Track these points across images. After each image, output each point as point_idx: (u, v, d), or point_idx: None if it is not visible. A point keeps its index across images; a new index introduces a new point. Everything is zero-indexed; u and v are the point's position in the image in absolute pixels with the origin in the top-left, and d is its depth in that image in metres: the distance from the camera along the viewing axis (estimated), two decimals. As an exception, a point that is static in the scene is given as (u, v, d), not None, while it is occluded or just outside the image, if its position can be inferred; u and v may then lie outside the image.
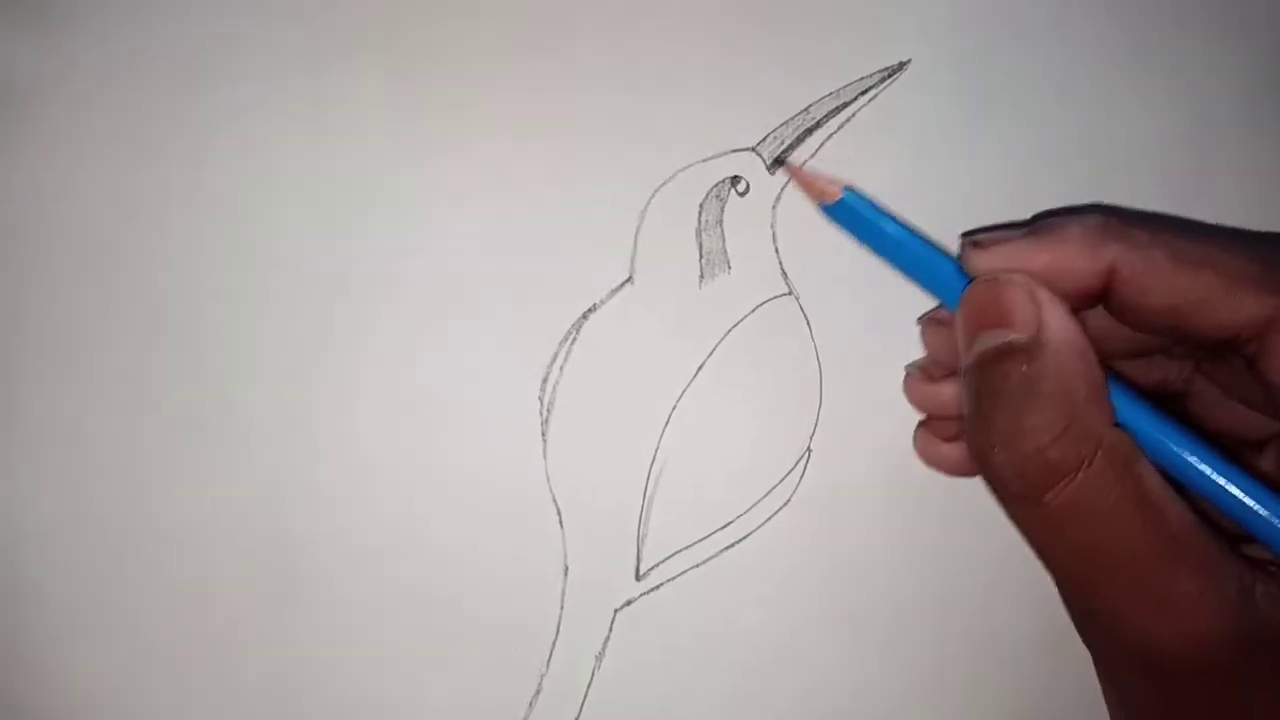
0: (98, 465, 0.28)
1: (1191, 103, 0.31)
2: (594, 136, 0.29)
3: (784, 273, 0.30)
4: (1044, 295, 0.24)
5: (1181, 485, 0.24)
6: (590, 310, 0.29)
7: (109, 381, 0.28)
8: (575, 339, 0.29)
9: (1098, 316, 0.26)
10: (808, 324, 0.30)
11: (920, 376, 0.29)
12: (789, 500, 0.30)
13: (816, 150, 0.30)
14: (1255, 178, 0.31)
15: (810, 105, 0.30)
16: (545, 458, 0.29)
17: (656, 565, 0.30)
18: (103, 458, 0.28)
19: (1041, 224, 0.25)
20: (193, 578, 0.29)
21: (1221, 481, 0.24)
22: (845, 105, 0.30)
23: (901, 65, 0.30)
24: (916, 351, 0.30)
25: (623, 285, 0.29)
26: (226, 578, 0.29)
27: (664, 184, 0.29)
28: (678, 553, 0.30)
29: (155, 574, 0.28)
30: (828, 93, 0.30)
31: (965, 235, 0.28)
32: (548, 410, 0.29)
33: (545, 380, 0.29)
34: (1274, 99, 0.31)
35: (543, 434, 0.29)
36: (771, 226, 0.30)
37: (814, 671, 0.30)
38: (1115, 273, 0.24)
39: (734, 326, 0.30)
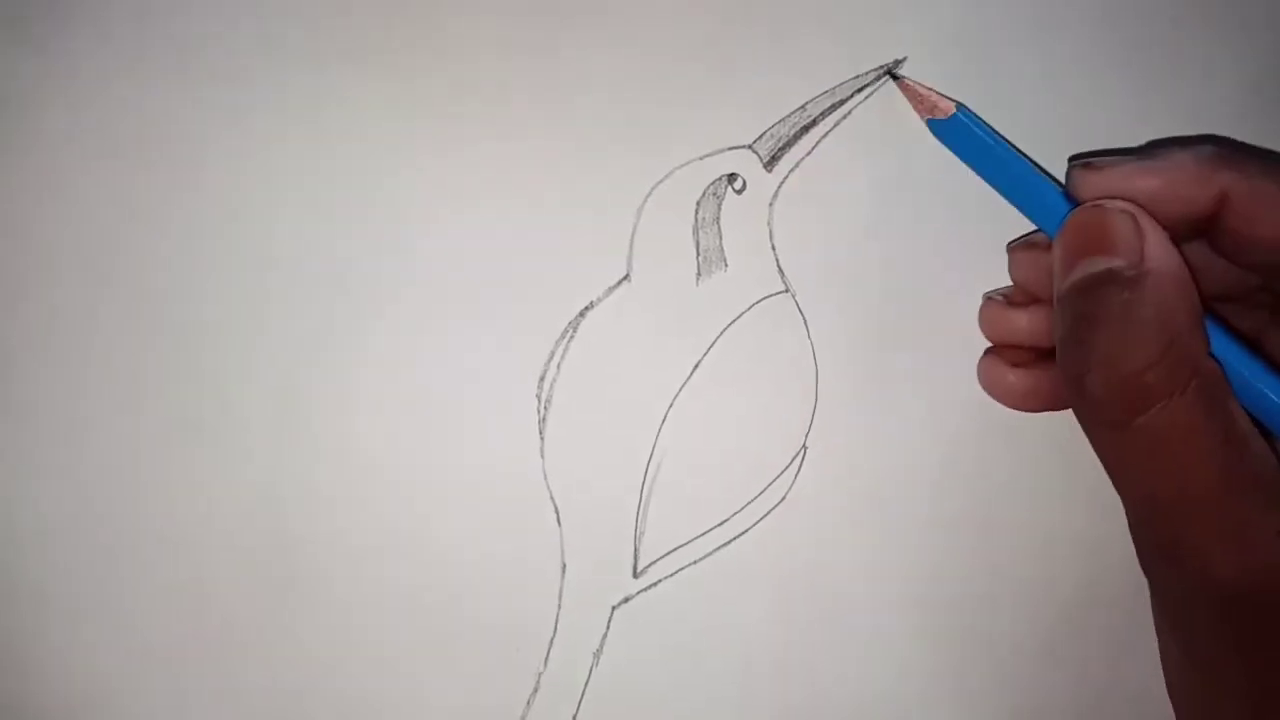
0: (96, 465, 0.28)
1: (1189, 103, 0.31)
2: (590, 134, 0.29)
3: (781, 270, 0.30)
4: (1148, 224, 0.24)
5: (1265, 429, 0.24)
6: (587, 308, 0.29)
7: (108, 381, 0.28)
8: (572, 337, 0.29)
9: (1192, 253, 0.25)
10: (804, 321, 0.30)
11: (1000, 302, 0.29)
12: (785, 497, 0.30)
13: (813, 148, 0.30)
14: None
15: (807, 103, 0.30)
16: (543, 455, 0.29)
17: (654, 562, 0.30)
18: (101, 457, 0.28)
19: (1153, 150, 0.26)
20: (191, 578, 0.29)
21: None
22: (841, 103, 0.30)
23: (897, 63, 0.30)
24: (915, 348, 0.30)
25: (620, 283, 0.29)
26: (224, 577, 0.29)
27: (660, 182, 0.29)
28: (675, 550, 0.30)
29: (154, 574, 0.28)
30: (824, 90, 0.30)
31: (1073, 159, 0.29)
32: (545, 408, 0.29)
33: (542, 378, 0.29)
34: (1272, 98, 0.31)
35: (540, 432, 0.29)
36: (768, 224, 0.30)
37: (811, 669, 0.30)
38: (1226, 200, 0.24)
39: (731, 324, 0.30)
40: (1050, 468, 0.31)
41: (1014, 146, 0.27)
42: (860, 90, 0.30)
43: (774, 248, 0.30)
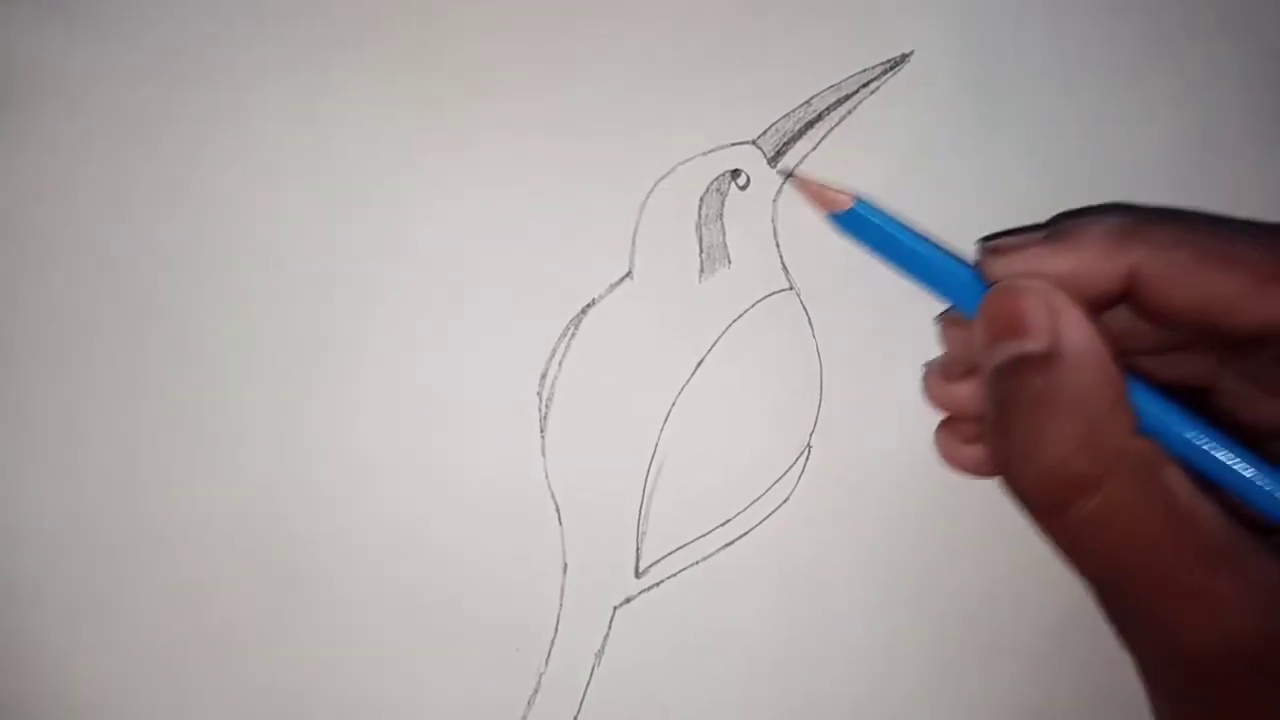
0: (94, 465, 0.28)
1: (1198, 99, 0.31)
2: (593, 130, 0.29)
3: (785, 267, 0.30)
4: (1060, 302, 0.23)
5: (1210, 482, 0.23)
6: (589, 305, 0.29)
7: (105, 381, 0.28)
8: (574, 334, 0.29)
9: (1119, 313, 0.25)
10: (808, 319, 0.30)
11: (939, 375, 0.29)
12: (789, 497, 0.30)
13: (818, 143, 0.29)
14: (1261, 176, 0.31)
15: (812, 98, 0.29)
16: (544, 454, 0.29)
17: (656, 562, 0.29)
18: (99, 457, 0.28)
19: (1060, 226, 0.25)
20: (192, 578, 0.28)
21: (1249, 475, 0.23)
22: (847, 98, 0.30)
23: (904, 57, 0.30)
24: (918, 347, 0.30)
25: (622, 280, 0.29)
26: (225, 577, 0.28)
27: (663, 178, 0.29)
28: (677, 550, 0.29)
29: (153, 574, 0.28)
30: (829, 85, 0.29)
31: (983, 240, 0.28)
32: (546, 406, 0.29)
33: (544, 376, 0.29)
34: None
35: (541, 430, 0.29)
36: (772, 220, 0.29)
37: (814, 670, 0.30)
38: (1138, 275, 0.24)
39: (734, 322, 0.29)
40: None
41: (916, 232, 0.26)
42: (866, 85, 0.30)
43: (778, 244, 0.30)
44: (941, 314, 0.29)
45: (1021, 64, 0.30)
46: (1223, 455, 0.24)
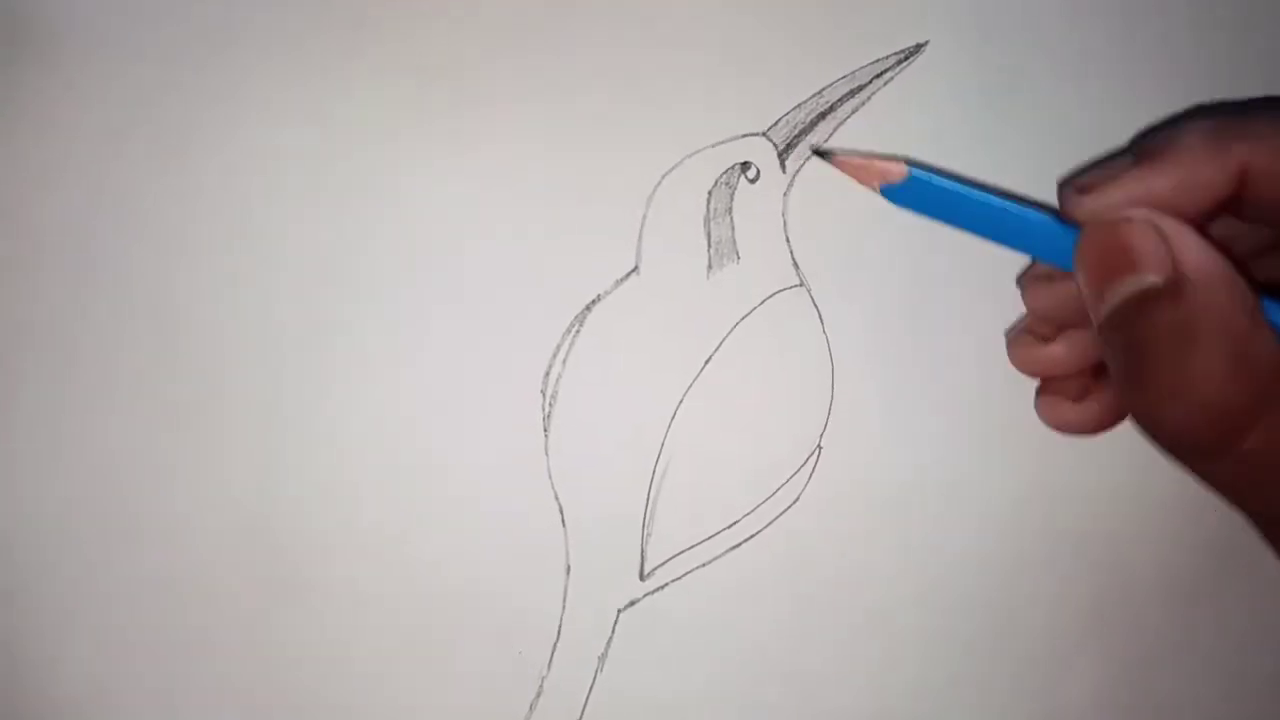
0: (82, 462, 0.28)
1: (1215, 90, 0.30)
2: (599, 122, 0.28)
3: (795, 263, 0.29)
4: (1171, 226, 0.21)
5: None
6: (594, 301, 0.28)
7: (94, 378, 0.28)
8: (579, 331, 0.28)
9: (1216, 230, 0.23)
10: (819, 317, 0.29)
11: (1029, 340, 0.27)
12: (798, 499, 0.29)
13: (830, 136, 0.29)
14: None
15: (824, 88, 0.29)
16: (547, 453, 0.28)
17: (661, 565, 0.29)
18: (87, 454, 0.28)
19: (1147, 144, 0.23)
20: (185, 578, 0.28)
21: None
22: (860, 89, 0.29)
23: (919, 47, 0.29)
24: (932, 345, 0.29)
25: (628, 276, 0.28)
26: (218, 579, 0.28)
27: (671, 170, 0.28)
28: (683, 552, 0.29)
29: (145, 572, 0.28)
30: (842, 75, 0.29)
31: (1063, 181, 0.26)
32: (550, 404, 0.28)
33: (547, 373, 0.28)
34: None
35: (545, 429, 0.28)
36: (782, 215, 0.29)
37: (825, 676, 0.30)
38: (1247, 175, 0.22)
39: (743, 319, 0.29)
40: (1073, 467, 0.30)
41: (982, 187, 0.24)
42: (880, 75, 0.29)
43: (788, 239, 0.29)
44: (1022, 273, 0.27)
45: (1037, 53, 0.29)
46: None
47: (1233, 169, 0.22)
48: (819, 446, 0.29)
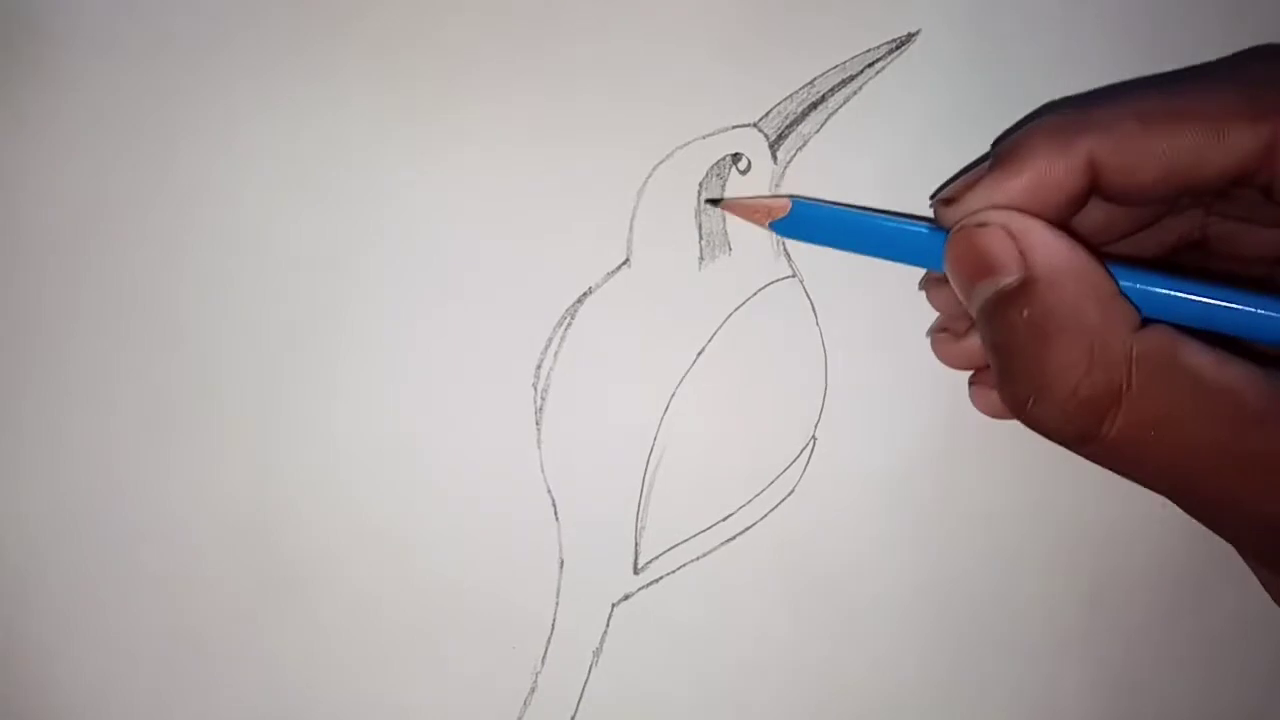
0: (76, 461, 0.27)
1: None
2: (589, 113, 0.28)
3: (787, 255, 0.29)
4: (1019, 225, 0.22)
5: (1237, 340, 0.22)
6: (586, 294, 0.28)
7: (88, 378, 0.27)
8: (570, 324, 0.28)
9: (1094, 207, 0.24)
10: (812, 308, 0.29)
11: (945, 338, 0.28)
12: (793, 491, 0.29)
13: (821, 125, 0.29)
14: None
15: (815, 78, 0.29)
16: (539, 447, 0.28)
17: (655, 558, 0.29)
18: (82, 454, 0.27)
19: (1000, 149, 0.24)
20: (179, 576, 0.28)
21: (1266, 313, 0.22)
22: (852, 78, 0.29)
23: (910, 36, 0.29)
24: (919, 336, 0.29)
25: (619, 268, 0.28)
26: (211, 576, 0.28)
27: (662, 162, 0.28)
28: (677, 545, 0.29)
29: (140, 571, 0.28)
30: (833, 65, 0.29)
31: (933, 196, 0.27)
32: (542, 398, 0.28)
33: (539, 367, 0.28)
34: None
35: (536, 423, 0.28)
36: (774, 206, 0.29)
37: (820, 668, 0.29)
38: (1095, 164, 0.23)
39: (735, 311, 0.29)
40: (1068, 457, 0.30)
41: (863, 210, 0.26)
42: (871, 65, 0.29)
43: (780, 231, 0.29)
44: (921, 280, 0.28)
45: (1030, 42, 0.29)
46: (1234, 304, 0.22)
47: (1079, 163, 0.23)
48: (813, 438, 0.29)
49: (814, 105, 0.29)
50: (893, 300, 0.29)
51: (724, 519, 0.29)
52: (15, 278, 0.27)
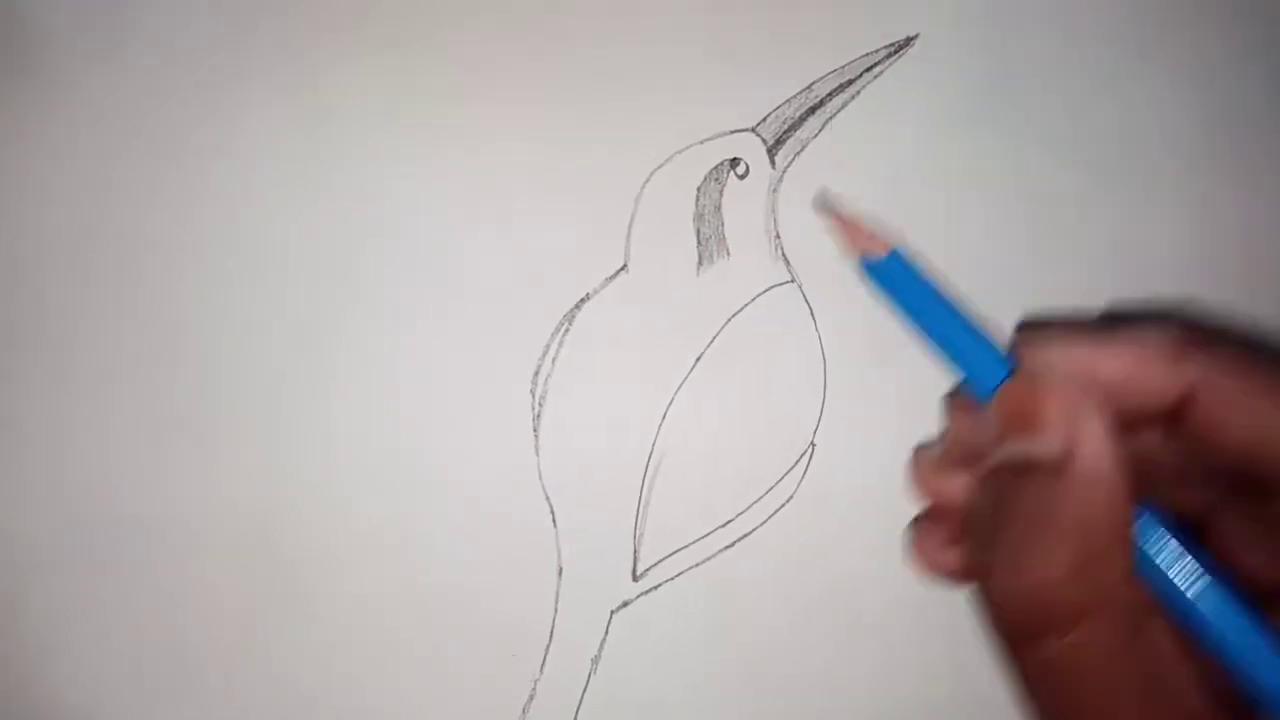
0: (79, 466, 0.27)
1: (1216, 83, 0.30)
2: (587, 118, 0.28)
3: (786, 260, 0.29)
4: (1088, 409, 0.21)
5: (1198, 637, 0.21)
6: (583, 300, 0.28)
7: (90, 381, 0.27)
8: (568, 330, 0.28)
9: (1144, 433, 0.23)
10: (811, 313, 0.29)
11: (934, 461, 0.25)
12: (791, 497, 0.29)
13: (819, 131, 0.28)
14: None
15: (813, 82, 0.28)
16: (537, 454, 0.28)
17: (654, 565, 0.29)
18: (84, 458, 0.27)
19: (1113, 325, 0.23)
20: (179, 581, 0.28)
21: (1250, 655, 0.21)
22: (851, 82, 0.29)
23: (910, 40, 0.29)
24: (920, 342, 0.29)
25: (617, 274, 0.28)
26: (211, 582, 0.28)
27: (659, 167, 0.28)
28: (676, 552, 0.29)
29: (138, 577, 0.28)
30: (832, 69, 0.28)
31: (1022, 323, 0.26)
32: (539, 404, 0.28)
33: (537, 373, 0.28)
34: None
35: (534, 429, 0.28)
36: (772, 211, 0.29)
37: (821, 676, 0.29)
38: (1194, 395, 0.21)
39: (733, 316, 0.28)
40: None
41: (951, 297, 0.23)
42: (870, 69, 0.29)
43: (778, 236, 0.29)
44: (950, 393, 0.26)
45: (1031, 44, 0.29)
46: (1228, 627, 0.21)
47: (1180, 384, 0.21)
48: (812, 444, 0.29)
49: (812, 109, 0.28)
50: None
51: (723, 525, 0.29)
52: (15, 279, 0.27)
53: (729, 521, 0.29)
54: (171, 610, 0.28)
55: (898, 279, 0.24)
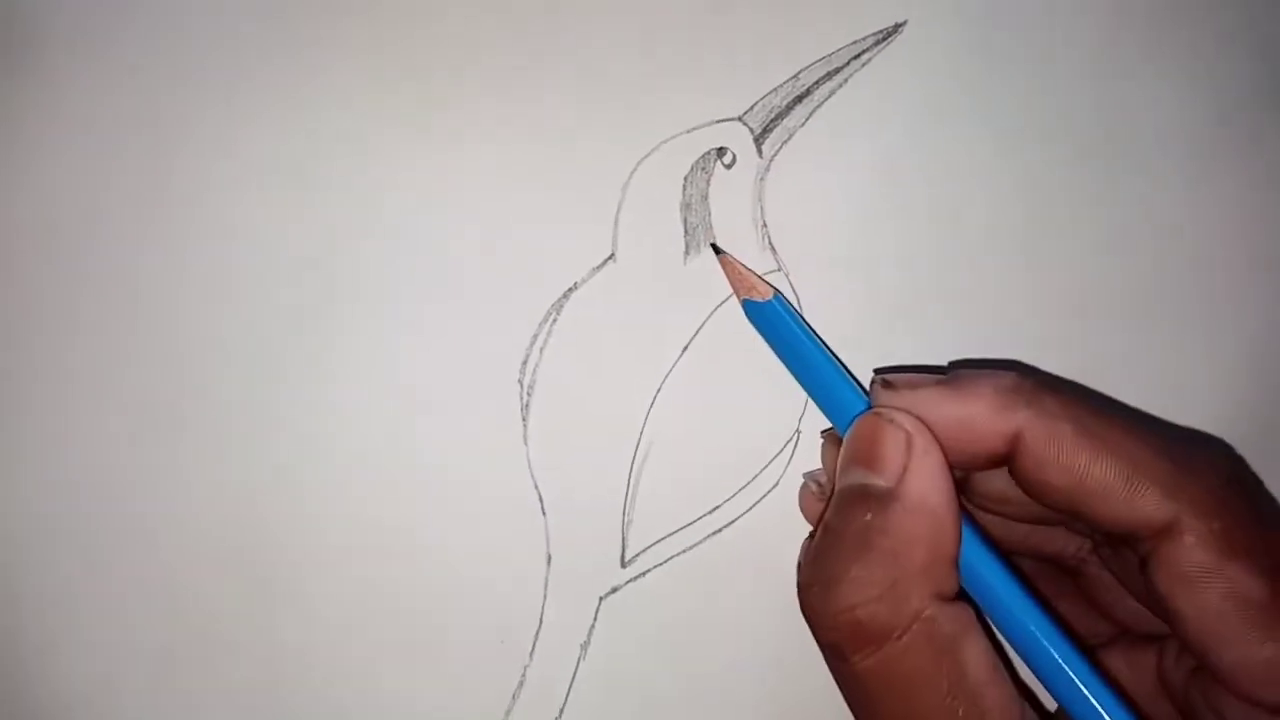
0: (72, 463, 0.27)
1: (1208, 71, 0.30)
2: (572, 107, 0.28)
3: (773, 248, 0.29)
4: (921, 445, 0.23)
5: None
6: (571, 289, 0.28)
7: (83, 379, 0.27)
8: (556, 319, 0.28)
9: (1003, 475, 0.24)
10: (798, 301, 0.29)
11: (816, 493, 0.28)
12: (778, 483, 0.29)
13: (807, 119, 0.28)
14: (1273, 152, 0.30)
15: (800, 71, 0.28)
16: (526, 443, 0.28)
17: (642, 551, 0.29)
18: (77, 456, 0.27)
19: (955, 374, 0.24)
20: (170, 575, 0.28)
21: (1064, 673, 0.22)
22: (838, 71, 0.28)
23: (897, 27, 0.29)
24: (908, 330, 0.29)
25: (604, 263, 0.28)
26: (201, 573, 0.28)
27: (646, 157, 0.28)
28: (664, 538, 0.29)
29: (131, 573, 0.28)
30: (819, 58, 0.28)
31: (878, 371, 0.28)
32: (528, 394, 0.28)
33: (525, 363, 0.28)
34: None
35: (523, 418, 0.28)
36: (759, 200, 0.29)
37: (807, 661, 0.30)
38: (1020, 439, 0.23)
39: (720, 304, 0.29)
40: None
41: (823, 342, 0.26)
42: (858, 58, 0.28)
43: (765, 225, 0.29)
44: (825, 430, 0.28)
45: (1022, 31, 0.29)
46: (1046, 647, 0.22)
47: (1009, 429, 0.23)
48: (798, 431, 0.29)
49: (799, 98, 0.28)
50: (876, 296, 0.29)
51: (710, 512, 0.29)
52: (10, 278, 0.27)
53: (716, 508, 0.29)
54: (162, 603, 0.28)
55: (776, 321, 0.26)
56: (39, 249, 0.27)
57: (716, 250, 0.28)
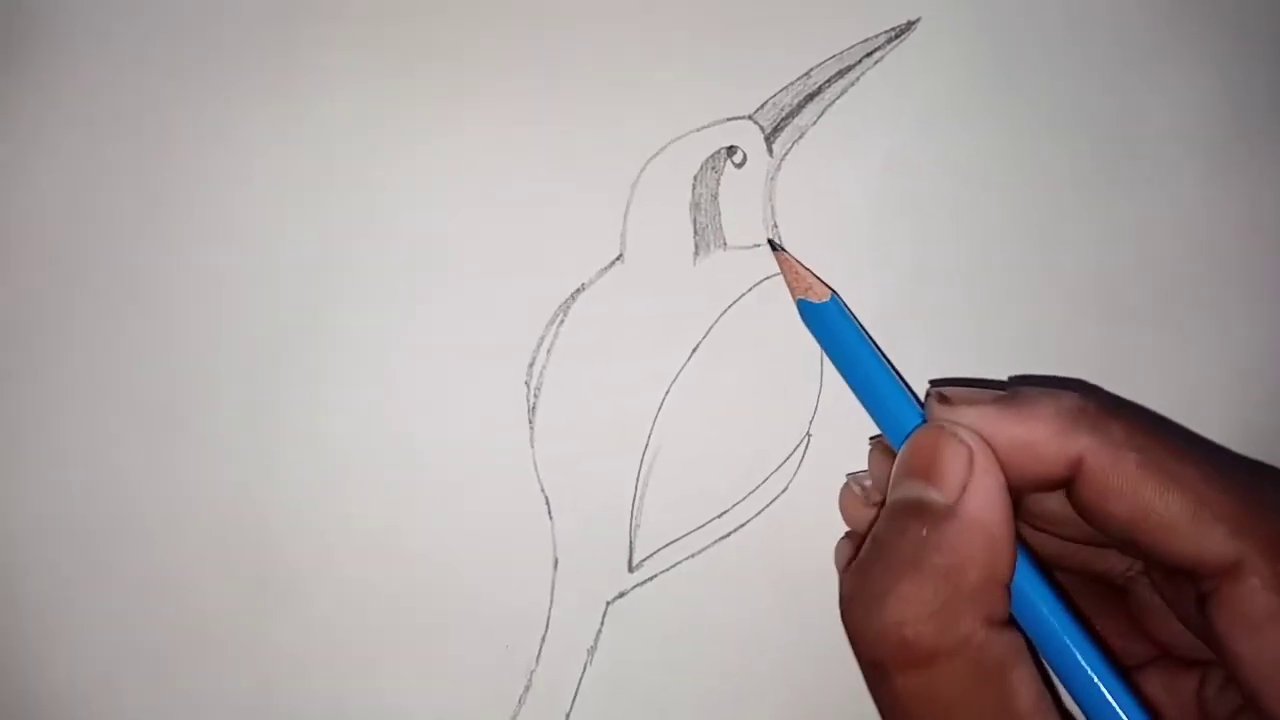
0: (69, 461, 0.27)
1: (1222, 69, 0.30)
2: (581, 106, 0.28)
3: (783, 248, 0.28)
4: (983, 463, 0.22)
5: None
6: (579, 290, 0.28)
7: (80, 377, 0.27)
8: (563, 321, 0.28)
9: (1058, 496, 0.24)
10: (808, 303, 0.28)
11: (859, 495, 0.27)
12: (787, 487, 0.29)
13: (818, 118, 0.28)
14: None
15: (811, 69, 0.28)
16: (533, 445, 0.28)
17: (650, 556, 0.28)
18: (74, 453, 0.27)
19: (1017, 391, 0.23)
20: (171, 576, 0.27)
21: (1114, 710, 0.22)
22: (849, 69, 0.28)
23: (910, 25, 0.28)
24: (921, 333, 0.29)
25: (613, 264, 0.28)
26: (205, 575, 0.27)
27: (655, 155, 0.28)
28: (672, 543, 0.29)
29: (130, 574, 0.27)
30: (830, 55, 0.28)
31: (934, 383, 0.27)
32: (535, 396, 0.28)
33: (532, 364, 0.28)
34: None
35: (530, 421, 0.28)
36: (770, 200, 0.28)
37: (815, 667, 0.29)
38: (1082, 465, 0.22)
39: (730, 306, 0.28)
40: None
41: (879, 349, 0.25)
42: (869, 55, 0.28)
43: (776, 225, 0.28)
44: (874, 437, 0.28)
45: (1034, 28, 0.29)
46: (1097, 685, 0.22)
47: (1070, 455, 0.22)
48: (808, 434, 0.29)
49: (810, 97, 0.28)
50: (888, 298, 0.29)
51: (718, 516, 0.29)
52: (9, 278, 0.27)
53: (725, 512, 0.29)
54: (164, 604, 0.28)
55: (832, 324, 0.26)
56: (39, 249, 0.27)
57: (774, 247, 0.27)
